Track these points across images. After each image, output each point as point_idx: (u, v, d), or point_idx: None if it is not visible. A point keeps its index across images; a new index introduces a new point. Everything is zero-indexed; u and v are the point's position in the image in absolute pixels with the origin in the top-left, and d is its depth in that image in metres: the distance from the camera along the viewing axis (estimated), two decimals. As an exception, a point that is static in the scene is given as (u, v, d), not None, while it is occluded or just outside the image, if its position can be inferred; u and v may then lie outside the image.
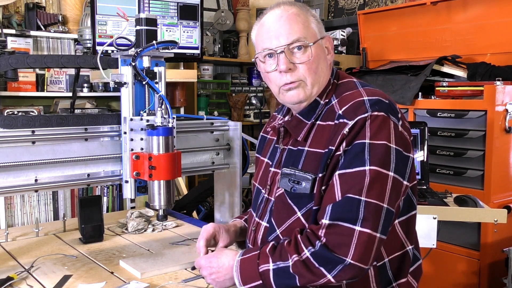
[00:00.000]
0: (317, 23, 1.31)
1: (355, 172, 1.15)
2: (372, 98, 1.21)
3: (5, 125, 1.51)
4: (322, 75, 1.30)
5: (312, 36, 1.28)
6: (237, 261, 1.25)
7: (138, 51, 1.54)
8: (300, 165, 1.26)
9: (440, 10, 3.42)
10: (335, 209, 1.14)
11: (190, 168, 1.88)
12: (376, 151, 1.15)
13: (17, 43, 3.48)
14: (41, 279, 1.49)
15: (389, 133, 1.17)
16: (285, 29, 1.27)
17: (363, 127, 1.16)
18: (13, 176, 1.51)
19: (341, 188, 1.16)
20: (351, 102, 1.22)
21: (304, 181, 1.23)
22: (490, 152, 2.66)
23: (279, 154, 1.37)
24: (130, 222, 2.01)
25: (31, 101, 3.68)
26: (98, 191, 3.45)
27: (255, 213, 1.41)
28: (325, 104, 1.30)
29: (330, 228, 1.14)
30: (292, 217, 1.26)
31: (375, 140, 1.16)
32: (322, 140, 1.24)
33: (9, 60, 1.61)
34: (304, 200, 1.24)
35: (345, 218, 1.13)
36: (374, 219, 1.13)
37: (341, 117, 1.21)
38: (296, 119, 1.32)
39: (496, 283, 2.63)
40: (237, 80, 4.65)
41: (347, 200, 1.14)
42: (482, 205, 2.27)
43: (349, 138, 1.17)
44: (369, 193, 1.13)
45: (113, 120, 1.67)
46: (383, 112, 1.18)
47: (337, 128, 1.20)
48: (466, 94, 2.83)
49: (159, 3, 3.04)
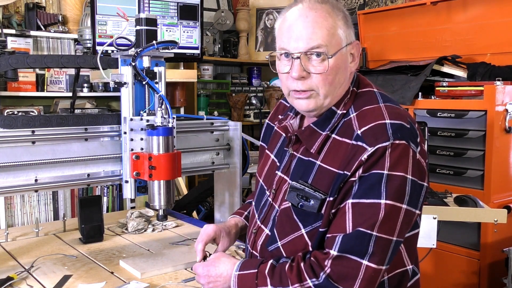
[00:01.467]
0: (346, 27, 1.20)
1: (369, 204, 1.10)
2: (394, 123, 1.13)
3: (5, 125, 1.51)
4: (338, 86, 1.21)
5: (335, 44, 1.17)
6: (235, 276, 1.22)
7: (138, 51, 1.54)
8: (310, 180, 1.20)
9: (440, 10, 3.42)
10: (345, 241, 1.10)
11: (190, 168, 1.88)
12: (392, 183, 1.10)
13: (17, 43, 3.48)
14: (41, 279, 1.49)
15: (407, 163, 1.12)
16: (307, 33, 1.16)
17: (383, 157, 1.10)
18: (13, 176, 1.51)
19: (353, 219, 1.11)
20: (371, 123, 1.14)
21: (313, 200, 1.17)
22: (490, 152, 2.66)
23: (288, 159, 1.30)
24: (130, 222, 2.01)
25: (31, 101, 3.68)
26: (98, 191, 3.45)
27: (257, 213, 1.37)
28: (342, 116, 1.21)
29: (337, 259, 1.10)
30: (296, 232, 1.22)
31: (393, 171, 1.10)
32: (337, 157, 1.17)
33: (9, 60, 1.61)
34: (310, 219, 1.19)
35: (353, 252, 1.10)
36: (383, 253, 1.11)
37: (359, 139, 1.14)
38: (310, 129, 1.24)
39: (496, 283, 2.63)
40: (237, 80, 4.65)
41: (358, 235, 1.10)
42: (482, 205, 2.27)
43: (366, 166, 1.11)
44: (381, 228, 1.10)
45: (113, 120, 1.67)
46: (404, 140, 1.12)
47: (354, 151, 1.13)
48: (466, 94, 2.83)
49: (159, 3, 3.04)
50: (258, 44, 4.65)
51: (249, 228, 1.42)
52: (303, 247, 1.20)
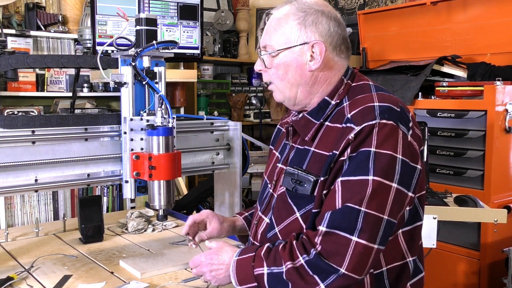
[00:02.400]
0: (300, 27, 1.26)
1: (357, 181, 1.13)
2: (382, 105, 1.18)
3: (5, 125, 1.51)
4: (295, 82, 1.28)
5: (283, 43, 1.27)
6: (233, 261, 1.25)
7: (138, 51, 1.54)
8: (304, 165, 1.25)
9: (440, 10, 3.42)
10: (333, 217, 1.13)
11: (190, 168, 1.88)
12: (380, 161, 1.13)
13: (17, 43, 3.48)
14: (41, 279, 1.49)
15: (396, 143, 1.15)
16: (264, 33, 1.32)
17: (370, 135, 1.14)
18: (13, 176, 1.51)
19: (342, 196, 1.14)
20: (361, 106, 1.20)
21: (306, 182, 1.22)
22: (490, 152, 2.66)
23: (288, 151, 1.37)
24: (130, 222, 2.01)
25: (31, 101, 3.68)
26: (98, 191, 3.45)
27: (260, 206, 1.42)
28: (335, 105, 1.27)
29: (326, 236, 1.13)
30: (291, 216, 1.26)
31: (381, 149, 1.13)
32: (328, 142, 1.23)
33: (9, 60, 1.61)
34: (304, 201, 1.24)
35: (342, 227, 1.11)
36: (372, 230, 1.11)
37: (348, 121, 1.19)
38: (305, 119, 1.31)
39: (496, 283, 2.63)
40: (237, 80, 4.65)
41: (347, 209, 1.12)
42: (482, 205, 2.27)
43: (354, 144, 1.15)
44: (369, 204, 1.11)
45: (113, 120, 1.67)
46: (392, 120, 1.16)
47: (343, 132, 1.19)
48: (466, 94, 2.83)
49: (159, 3, 3.04)
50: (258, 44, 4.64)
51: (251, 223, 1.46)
52: (298, 230, 1.24)
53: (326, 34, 1.26)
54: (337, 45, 1.28)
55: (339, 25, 1.29)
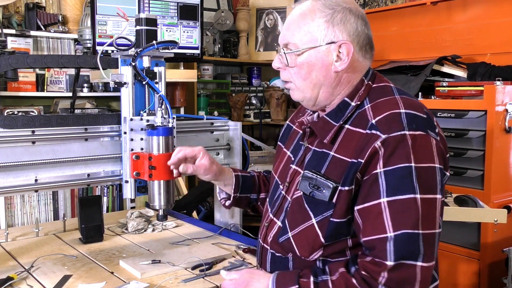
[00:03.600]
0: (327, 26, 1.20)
1: (405, 201, 1.08)
2: (409, 112, 1.13)
3: (5, 125, 1.51)
4: (318, 83, 1.23)
5: (308, 41, 1.21)
6: None
7: (138, 51, 1.54)
8: (323, 170, 1.20)
9: (440, 10, 3.42)
10: (398, 248, 1.07)
11: (190, 168, 1.87)
12: (422, 176, 1.09)
13: (17, 43, 3.48)
14: (41, 279, 1.49)
15: (432, 153, 1.12)
16: (284, 29, 1.26)
17: (401, 146, 1.09)
18: (13, 176, 1.51)
19: (392, 219, 1.08)
20: (386, 112, 1.14)
21: (325, 188, 1.17)
22: (490, 152, 2.66)
23: (303, 152, 1.31)
24: (130, 222, 2.01)
25: (31, 101, 3.68)
26: (98, 191, 3.45)
27: (270, 207, 1.37)
28: (356, 107, 1.22)
29: (394, 269, 1.08)
30: (306, 222, 1.21)
31: (421, 163, 1.09)
32: (350, 147, 1.17)
33: (9, 60, 1.61)
34: (321, 208, 1.18)
35: (407, 257, 1.08)
36: (430, 249, 1.10)
37: (373, 127, 1.13)
38: (323, 120, 1.25)
39: (496, 283, 2.63)
40: (237, 80, 4.65)
41: (407, 237, 1.07)
42: (482, 205, 2.27)
43: (386, 156, 1.10)
44: (423, 224, 1.08)
45: (113, 120, 1.67)
46: (421, 130, 1.12)
47: (368, 139, 1.13)
48: (466, 94, 2.83)
49: (159, 3, 3.04)
50: (258, 44, 4.64)
51: (261, 224, 1.41)
52: (313, 238, 1.19)
53: (354, 34, 1.21)
54: (363, 46, 1.24)
55: (366, 24, 1.24)
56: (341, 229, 1.17)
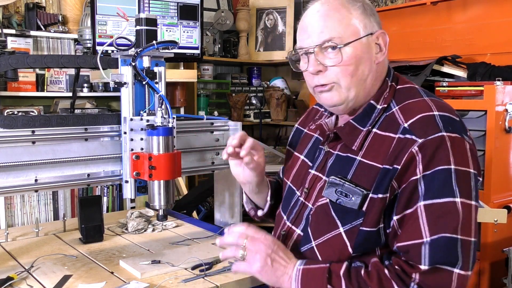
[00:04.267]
0: (365, 17, 1.17)
1: (444, 204, 1.03)
2: (443, 115, 1.09)
3: (5, 125, 1.51)
4: (364, 78, 1.17)
5: (351, 34, 1.15)
6: (299, 269, 1.13)
7: (138, 51, 1.54)
8: (349, 176, 1.14)
9: (440, 10, 3.42)
10: (434, 252, 1.03)
11: (190, 168, 1.88)
12: (461, 179, 1.04)
13: (17, 43, 3.48)
14: (41, 279, 1.49)
15: (467, 157, 1.07)
16: (318, 27, 1.16)
17: (442, 150, 1.04)
18: (13, 176, 1.51)
19: (429, 223, 1.03)
20: (418, 115, 1.10)
21: (354, 196, 1.10)
22: (490, 152, 2.66)
23: (323, 156, 1.25)
24: (130, 222, 2.01)
25: (31, 101, 3.68)
26: (98, 191, 3.45)
27: (286, 215, 1.30)
28: (382, 110, 1.17)
29: (429, 273, 1.03)
30: (333, 231, 1.14)
31: (460, 166, 1.05)
32: (380, 152, 1.11)
33: (9, 60, 1.61)
34: (350, 216, 1.12)
35: (444, 262, 1.03)
36: (468, 257, 1.05)
37: (407, 131, 1.08)
38: (350, 126, 1.19)
39: (496, 283, 2.63)
40: (237, 80, 4.65)
41: (446, 241, 1.02)
42: (482, 205, 2.27)
43: (425, 161, 1.04)
44: (463, 230, 1.03)
45: (113, 120, 1.67)
46: (457, 133, 1.08)
47: (403, 144, 1.07)
48: (466, 94, 2.83)
49: (159, 3, 3.04)
50: (258, 44, 4.65)
51: (275, 231, 1.35)
52: (340, 248, 1.14)
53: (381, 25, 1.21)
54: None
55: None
56: (371, 239, 1.12)
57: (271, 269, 1.13)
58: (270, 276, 1.14)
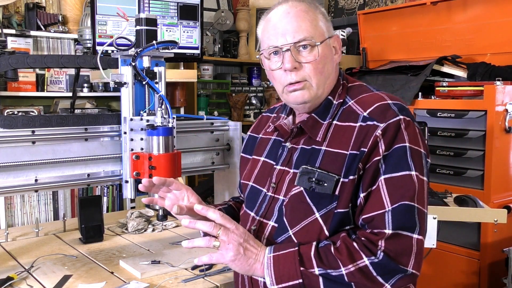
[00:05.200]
0: (326, 21, 1.28)
1: (402, 177, 1.14)
2: (396, 103, 1.22)
3: (5, 125, 1.51)
4: (327, 76, 1.27)
5: (319, 35, 1.25)
6: (269, 257, 1.17)
7: (138, 51, 1.54)
8: (317, 164, 1.22)
9: (440, 10, 3.42)
10: (396, 218, 1.13)
11: (190, 168, 1.88)
12: (415, 156, 1.16)
13: (17, 43, 3.48)
14: (41, 279, 1.49)
15: (418, 139, 1.19)
16: (292, 27, 1.23)
17: (399, 131, 1.16)
18: (13, 176, 1.51)
19: (389, 193, 1.14)
20: (374, 104, 1.22)
21: (327, 181, 1.19)
22: (490, 152, 2.66)
23: (287, 153, 1.32)
24: (130, 222, 2.01)
25: (31, 101, 3.68)
26: (98, 191, 3.46)
27: (254, 211, 1.34)
28: (339, 105, 1.28)
29: (392, 237, 1.12)
30: (309, 217, 1.21)
31: (413, 145, 1.17)
32: (342, 140, 1.21)
33: (9, 60, 1.61)
34: (324, 201, 1.20)
35: (405, 227, 1.13)
36: (423, 225, 1.15)
37: (367, 119, 1.19)
38: (313, 119, 1.28)
39: (496, 283, 2.63)
40: (237, 80, 4.65)
41: (406, 208, 1.13)
42: (482, 205, 2.27)
43: (386, 142, 1.16)
44: (418, 199, 1.15)
45: (113, 120, 1.67)
46: (410, 118, 1.20)
47: (366, 129, 1.18)
48: (466, 94, 2.83)
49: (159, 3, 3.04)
50: (258, 44, 4.65)
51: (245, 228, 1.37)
52: (318, 232, 1.20)
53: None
54: None
55: None
56: (344, 220, 1.20)
57: (243, 257, 1.18)
58: (243, 265, 1.18)
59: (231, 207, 1.53)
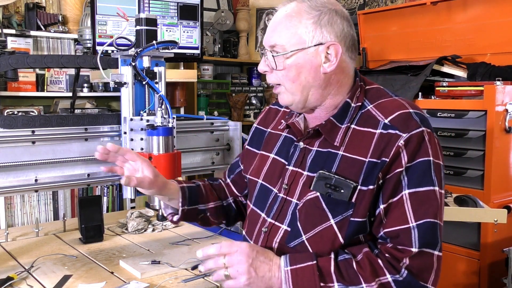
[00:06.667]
0: (315, 27, 1.20)
1: (426, 192, 1.14)
2: (417, 112, 1.20)
3: (5, 125, 1.51)
4: (307, 85, 1.22)
5: (296, 43, 1.20)
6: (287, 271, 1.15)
7: (138, 51, 1.54)
8: (334, 169, 1.20)
9: (440, 10, 3.42)
10: (421, 236, 1.13)
11: (190, 168, 1.88)
12: (437, 170, 1.16)
13: (17, 43, 3.48)
14: (41, 279, 1.49)
15: (438, 151, 1.19)
16: (269, 31, 1.24)
17: (423, 143, 1.15)
18: (13, 176, 1.51)
19: (413, 209, 1.13)
20: (396, 112, 1.18)
21: (344, 188, 1.16)
22: (490, 152, 2.66)
23: (299, 153, 1.28)
24: (130, 222, 2.01)
25: (31, 101, 3.68)
26: (98, 191, 3.46)
27: (265, 212, 1.31)
28: (358, 108, 1.24)
29: (417, 256, 1.12)
30: (324, 224, 1.19)
31: (435, 158, 1.16)
32: (361, 146, 1.18)
33: (9, 60, 1.62)
34: (340, 208, 1.17)
35: (429, 245, 1.14)
36: (441, 241, 1.17)
37: (389, 127, 1.17)
38: (331, 123, 1.24)
39: (496, 283, 2.63)
40: (237, 80, 4.65)
41: (430, 226, 1.13)
42: (482, 205, 2.27)
43: (409, 153, 1.14)
44: (439, 216, 1.16)
45: (113, 120, 1.67)
46: (430, 129, 1.18)
47: (387, 138, 1.15)
48: (466, 94, 2.83)
49: (159, 3, 3.04)
50: (258, 44, 4.65)
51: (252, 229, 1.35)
52: (332, 238, 1.18)
53: (341, 35, 1.21)
54: (349, 46, 1.25)
55: (351, 25, 1.25)
56: (360, 229, 1.18)
57: (257, 278, 1.15)
58: (259, 284, 1.16)
59: (198, 187, 1.46)
